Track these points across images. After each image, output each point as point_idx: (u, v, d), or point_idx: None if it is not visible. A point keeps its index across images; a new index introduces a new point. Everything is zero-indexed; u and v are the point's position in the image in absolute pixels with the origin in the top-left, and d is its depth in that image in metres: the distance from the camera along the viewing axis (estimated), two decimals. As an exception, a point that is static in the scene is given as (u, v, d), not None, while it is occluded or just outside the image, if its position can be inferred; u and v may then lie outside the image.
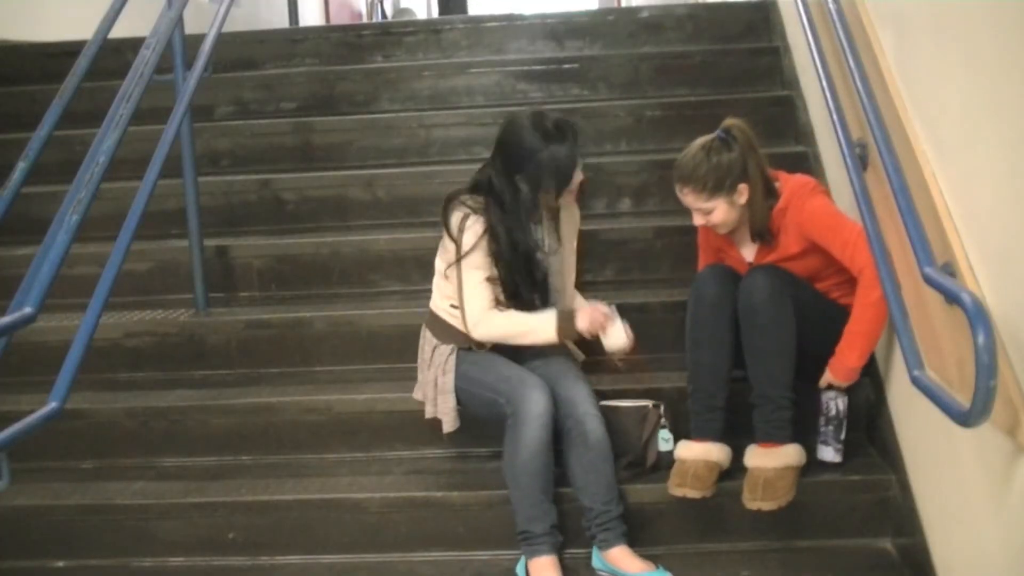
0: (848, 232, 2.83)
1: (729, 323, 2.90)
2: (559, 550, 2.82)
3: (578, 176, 2.99)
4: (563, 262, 3.16)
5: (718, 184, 2.88)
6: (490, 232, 2.94)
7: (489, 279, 2.96)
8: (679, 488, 2.83)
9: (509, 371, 2.91)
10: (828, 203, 2.98)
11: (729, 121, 2.97)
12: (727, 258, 3.13)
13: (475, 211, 2.95)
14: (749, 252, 3.07)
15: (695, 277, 3.02)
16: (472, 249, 2.93)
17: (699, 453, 2.87)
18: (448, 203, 3.00)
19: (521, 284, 2.98)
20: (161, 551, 3.07)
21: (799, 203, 2.91)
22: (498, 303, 2.98)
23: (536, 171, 2.91)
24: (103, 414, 3.36)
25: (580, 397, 2.90)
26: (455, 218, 2.95)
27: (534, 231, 3.04)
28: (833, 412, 2.97)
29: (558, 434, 2.88)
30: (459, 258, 2.93)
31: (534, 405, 2.79)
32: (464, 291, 2.95)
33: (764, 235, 2.96)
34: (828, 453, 2.99)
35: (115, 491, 3.16)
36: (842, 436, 2.97)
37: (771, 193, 2.95)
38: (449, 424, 3.00)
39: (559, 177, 2.93)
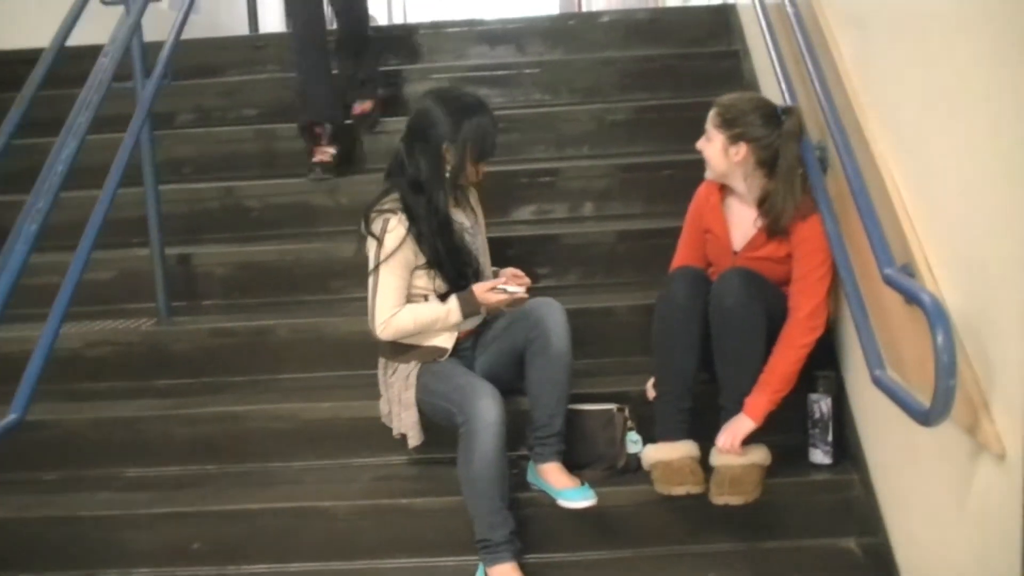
0: (819, 266, 2.85)
1: (699, 327, 2.90)
2: (519, 556, 2.82)
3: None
4: (483, 239, 3.23)
5: (730, 122, 2.91)
6: (415, 223, 2.95)
7: (425, 271, 2.98)
8: (680, 486, 2.82)
9: (463, 380, 2.91)
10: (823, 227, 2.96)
11: (796, 106, 3.00)
12: (712, 240, 3.10)
13: (394, 212, 2.97)
14: (740, 239, 3.04)
15: (664, 279, 3.02)
16: (396, 250, 2.93)
17: (685, 451, 2.86)
18: (365, 219, 3.00)
19: (458, 263, 3.02)
20: (127, 562, 3.04)
21: (806, 211, 2.89)
22: (438, 295, 3.00)
23: (465, 139, 2.95)
24: (66, 425, 3.33)
25: (550, 316, 2.92)
26: (376, 226, 2.96)
27: (455, 214, 3.08)
28: (818, 415, 3.00)
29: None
30: (380, 262, 2.94)
31: (485, 414, 2.78)
32: (377, 294, 2.95)
33: (776, 228, 2.93)
34: (818, 455, 3.03)
35: (80, 502, 3.13)
36: (829, 438, 3.00)
37: (791, 190, 2.90)
38: (414, 438, 3.01)
39: (485, 144, 2.99)
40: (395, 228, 2.93)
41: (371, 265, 2.97)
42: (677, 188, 3.41)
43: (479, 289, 2.94)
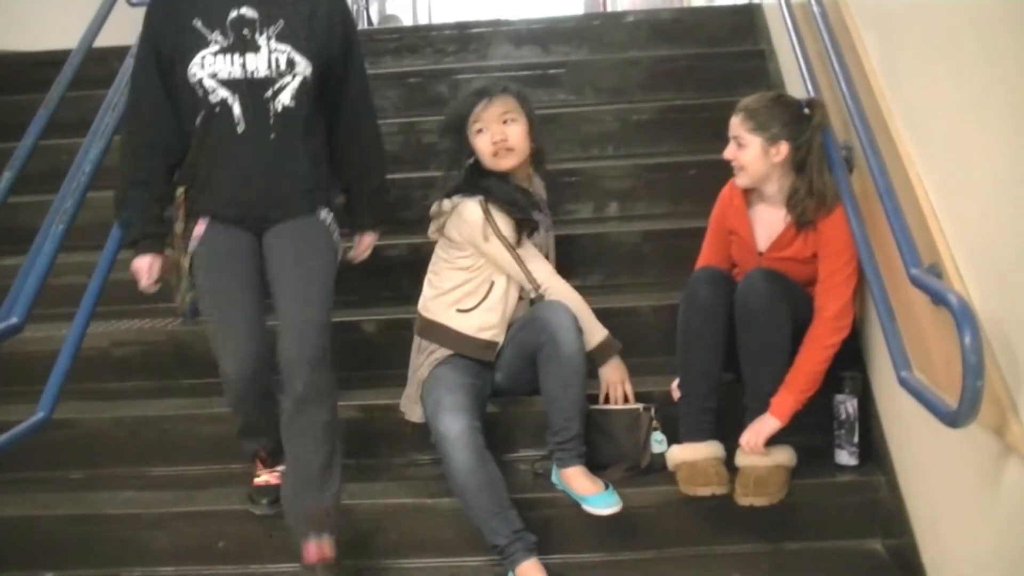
0: (845, 266, 2.84)
1: (723, 327, 2.89)
2: (535, 549, 2.78)
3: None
4: (552, 237, 3.35)
5: (764, 124, 2.88)
6: (480, 191, 3.04)
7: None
8: (704, 487, 2.81)
9: (438, 393, 2.92)
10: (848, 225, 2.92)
11: (818, 98, 2.99)
12: (736, 241, 3.09)
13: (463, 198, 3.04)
14: (764, 240, 3.02)
15: (688, 279, 3.00)
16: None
17: (710, 451, 2.86)
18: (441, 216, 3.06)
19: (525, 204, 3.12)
20: (151, 560, 3.05)
21: (831, 204, 2.88)
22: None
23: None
24: (91, 424, 3.35)
25: (558, 317, 2.90)
26: (472, 221, 3.01)
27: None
28: (844, 416, 2.98)
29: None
30: (511, 243, 3.00)
31: (447, 430, 2.81)
32: (527, 261, 3.03)
33: (804, 219, 2.91)
34: (844, 456, 3.01)
35: (104, 501, 3.14)
36: (855, 439, 2.98)
37: (822, 179, 2.88)
38: (415, 415, 3.07)
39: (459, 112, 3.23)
40: (474, 208, 3.01)
41: (494, 246, 3.00)
42: (702, 188, 3.39)
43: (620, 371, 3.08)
